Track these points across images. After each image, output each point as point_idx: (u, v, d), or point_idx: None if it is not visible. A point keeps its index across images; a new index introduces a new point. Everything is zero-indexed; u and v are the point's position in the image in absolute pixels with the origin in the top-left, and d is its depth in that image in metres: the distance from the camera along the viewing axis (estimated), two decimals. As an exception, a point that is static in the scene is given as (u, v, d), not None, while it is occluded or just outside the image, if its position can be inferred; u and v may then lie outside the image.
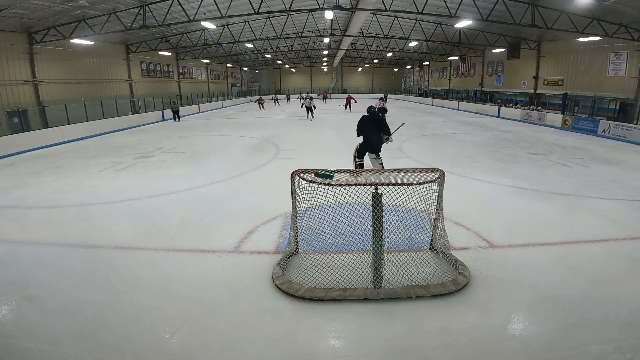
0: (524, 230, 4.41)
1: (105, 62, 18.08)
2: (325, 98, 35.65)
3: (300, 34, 21.96)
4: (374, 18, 19.01)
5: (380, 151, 6.41)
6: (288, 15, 17.39)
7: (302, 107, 22.43)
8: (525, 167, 7.82)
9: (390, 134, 6.40)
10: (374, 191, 3.05)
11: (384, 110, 13.29)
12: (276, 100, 33.39)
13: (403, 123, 7.28)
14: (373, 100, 30.26)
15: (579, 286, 3.20)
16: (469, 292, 3.11)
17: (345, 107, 23.08)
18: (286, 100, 35.15)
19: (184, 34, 20.36)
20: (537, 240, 4.14)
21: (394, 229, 3.45)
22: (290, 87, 43.02)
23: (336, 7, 12.77)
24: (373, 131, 6.27)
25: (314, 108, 18.55)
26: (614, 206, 5.33)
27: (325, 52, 30.82)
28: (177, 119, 19.14)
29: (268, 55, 30.73)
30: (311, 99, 19.16)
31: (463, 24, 15.66)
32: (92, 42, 15.09)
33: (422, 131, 13.81)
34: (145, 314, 2.90)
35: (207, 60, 28.81)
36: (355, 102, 23.44)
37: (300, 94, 34.67)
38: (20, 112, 12.88)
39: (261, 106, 27.35)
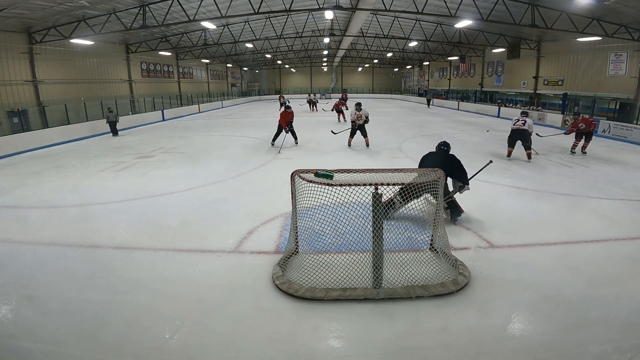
0: (524, 230, 4.41)
1: (105, 62, 18.08)
2: (345, 100, 25.65)
3: (300, 34, 21.96)
4: (374, 18, 19.01)
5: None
6: (288, 15, 17.39)
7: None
8: (525, 167, 7.81)
9: (467, 182, 4.58)
10: (374, 191, 3.05)
11: (526, 134, 8.22)
12: (313, 103, 24.30)
13: (491, 161, 5.16)
14: (374, 102, 29.74)
15: (579, 286, 3.20)
16: (469, 292, 3.11)
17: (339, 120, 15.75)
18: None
19: (184, 34, 20.36)
20: (537, 240, 4.15)
21: (394, 229, 3.45)
22: (291, 87, 43.03)
23: (336, 7, 12.77)
24: None
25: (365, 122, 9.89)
26: (614, 206, 5.33)
27: (325, 52, 30.79)
28: (115, 134, 13.66)
29: (268, 55, 30.70)
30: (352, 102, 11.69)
31: (463, 24, 15.65)
32: (92, 42, 15.08)
33: (422, 131, 13.82)
34: (145, 314, 2.90)
35: (207, 60, 28.79)
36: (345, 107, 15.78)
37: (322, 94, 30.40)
38: (20, 112, 12.89)
39: (314, 107, 23.27)
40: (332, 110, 15.83)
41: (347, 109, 15.09)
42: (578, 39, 15.34)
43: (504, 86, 23.38)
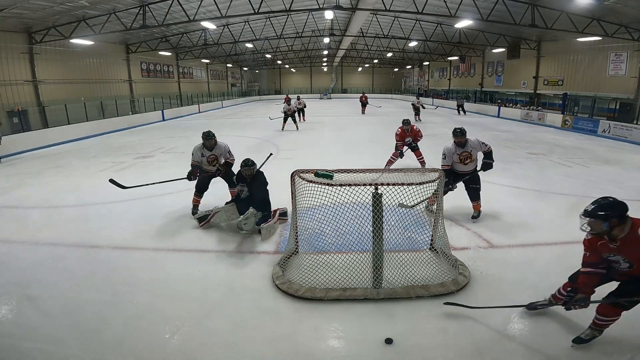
0: (524, 230, 4.41)
1: (105, 62, 18.07)
2: (365, 105, 21.61)
3: (300, 34, 21.94)
4: (374, 18, 18.99)
5: None
6: (288, 15, 17.38)
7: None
8: (525, 167, 7.81)
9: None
10: (374, 191, 3.05)
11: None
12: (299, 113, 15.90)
13: (271, 154, 5.24)
14: (374, 101, 29.66)
15: (579, 286, 3.20)
16: (469, 292, 3.11)
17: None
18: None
19: (184, 34, 20.35)
20: (537, 240, 4.15)
21: (394, 229, 3.45)
22: (291, 87, 42.98)
23: (336, 7, 12.76)
24: None
25: None
26: (614, 206, 5.32)
27: (325, 52, 30.78)
28: None
29: (268, 55, 30.69)
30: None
31: (463, 24, 15.65)
32: (92, 42, 15.07)
33: (422, 131, 13.79)
34: (145, 314, 2.90)
35: (207, 60, 28.78)
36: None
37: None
38: (20, 112, 12.87)
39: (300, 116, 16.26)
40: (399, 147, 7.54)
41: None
42: (578, 39, 15.33)
43: (504, 86, 23.36)
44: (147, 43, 19.80)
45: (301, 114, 16.63)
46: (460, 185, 4.75)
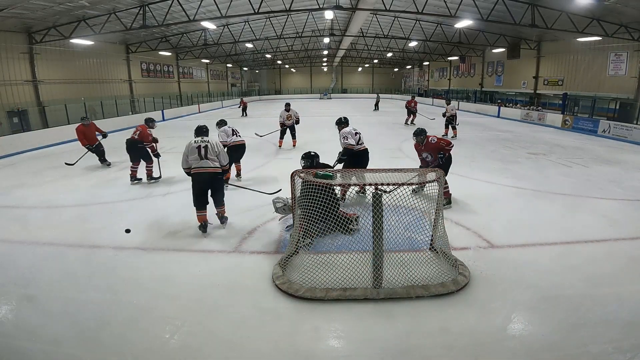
0: (524, 230, 4.41)
1: (105, 62, 18.07)
2: (413, 113, 16.45)
3: (300, 34, 21.94)
4: (374, 18, 18.99)
5: None
6: (288, 15, 17.38)
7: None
8: (525, 167, 7.81)
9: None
10: (373, 191, 3.04)
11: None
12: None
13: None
14: (374, 102, 29.61)
15: (578, 286, 3.20)
16: (469, 292, 3.11)
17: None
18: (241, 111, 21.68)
19: (184, 34, 20.35)
20: (537, 240, 4.14)
21: (394, 229, 3.45)
22: (290, 87, 43.01)
23: (336, 7, 12.76)
24: None
25: None
26: (614, 206, 5.33)
27: (325, 52, 30.78)
28: None
29: (268, 55, 30.70)
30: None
31: (463, 24, 15.65)
32: (92, 42, 15.08)
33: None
34: (145, 314, 2.90)
35: (207, 60, 28.78)
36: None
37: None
38: (20, 112, 12.88)
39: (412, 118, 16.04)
40: None
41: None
42: (578, 39, 15.33)
43: (504, 86, 23.36)
44: (147, 43, 19.80)
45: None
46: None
